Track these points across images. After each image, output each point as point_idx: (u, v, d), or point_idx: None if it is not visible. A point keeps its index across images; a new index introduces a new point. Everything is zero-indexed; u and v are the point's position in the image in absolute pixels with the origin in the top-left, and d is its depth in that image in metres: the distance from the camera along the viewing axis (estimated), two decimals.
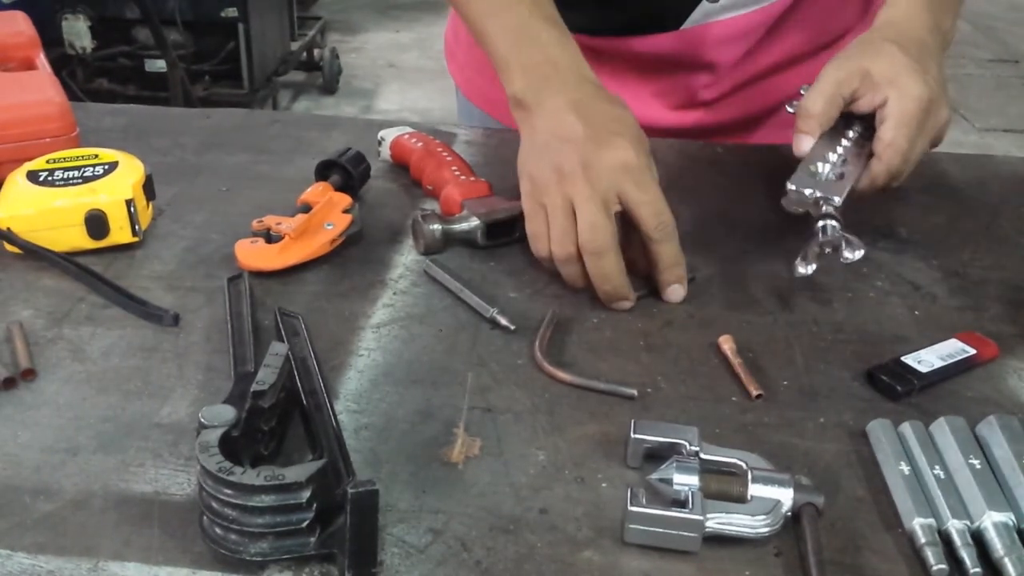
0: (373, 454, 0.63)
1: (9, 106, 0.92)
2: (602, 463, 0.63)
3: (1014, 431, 0.63)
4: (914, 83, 0.79)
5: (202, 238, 0.87)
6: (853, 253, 0.76)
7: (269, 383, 0.60)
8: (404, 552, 0.56)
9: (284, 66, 4.13)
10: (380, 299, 0.79)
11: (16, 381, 0.68)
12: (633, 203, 0.76)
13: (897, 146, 0.79)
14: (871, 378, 0.71)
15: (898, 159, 0.80)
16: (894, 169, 0.80)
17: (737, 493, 0.58)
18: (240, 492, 0.53)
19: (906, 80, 0.80)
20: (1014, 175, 1.05)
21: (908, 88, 0.79)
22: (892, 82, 0.80)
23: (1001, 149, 4.12)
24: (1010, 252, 0.89)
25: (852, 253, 0.76)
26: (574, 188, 0.76)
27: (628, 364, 0.72)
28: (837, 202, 0.77)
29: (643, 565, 0.56)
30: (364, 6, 5.63)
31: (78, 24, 3.52)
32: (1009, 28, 5.68)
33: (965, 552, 0.56)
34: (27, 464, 0.61)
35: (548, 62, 0.82)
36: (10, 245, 0.81)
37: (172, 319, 0.75)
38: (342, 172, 0.92)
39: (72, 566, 0.54)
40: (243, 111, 1.19)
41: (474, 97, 1.19)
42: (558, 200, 0.77)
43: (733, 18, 1.01)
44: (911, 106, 0.79)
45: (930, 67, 0.82)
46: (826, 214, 0.77)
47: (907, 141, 0.79)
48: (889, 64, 0.80)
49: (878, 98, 0.80)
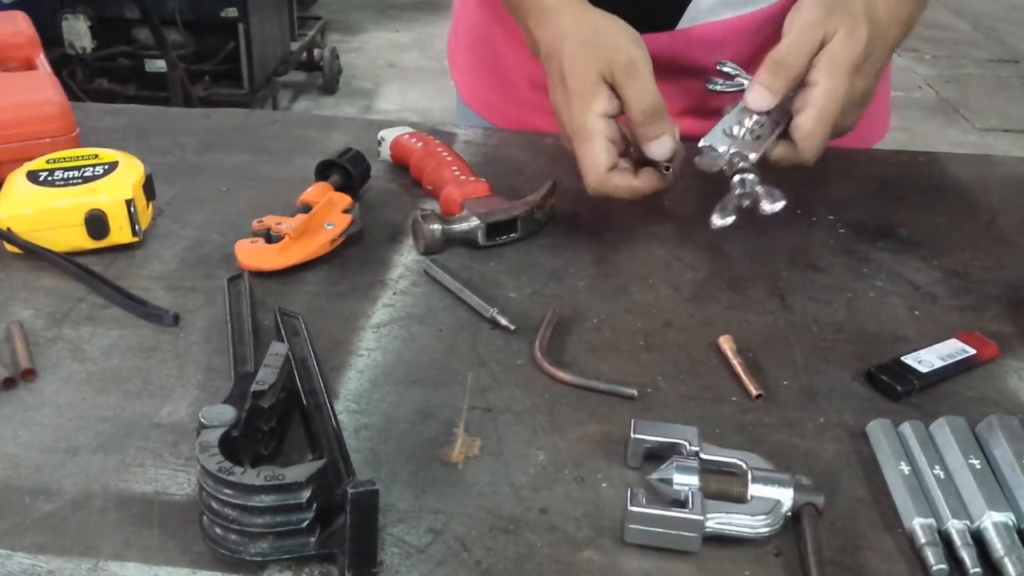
0: (373, 454, 0.63)
1: (9, 106, 0.92)
2: (602, 463, 0.63)
3: (1014, 431, 0.63)
4: (843, 81, 0.79)
5: (202, 238, 0.87)
6: (773, 204, 0.76)
7: (269, 383, 0.60)
8: (404, 552, 0.56)
9: (284, 66, 4.13)
10: (380, 299, 0.79)
11: (16, 381, 0.68)
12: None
13: (814, 139, 0.80)
14: (871, 378, 0.71)
15: (811, 152, 0.80)
16: (805, 159, 0.81)
17: (737, 493, 0.58)
18: (240, 492, 0.53)
19: (840, 74, 0.79)
20: (1014, 175, 1.05)
21: (838, 84, 0.79)
22: (830, 68, 0.79)
23: (1001, 149, 4.12)
24: (1010, 252, 0.90)
25: (772, 205, 0.76)
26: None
27: (628, 364, 0.72)
28: (752, 159, 0.78)
29: (643, 565, 0.56)
30: (364, 6, 5.64)
31: (78, 24, 3.52)
32: (1009, 28, 5.68)
33: (965, 552, 0.56)
34: (27, 464, 0.61)
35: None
36: (10, 245, 0.81)
37: (172, 319, 0.75)
38: (342, 172, 0.92)
39: (72, 566, 0.54)
40: (243, 111, 1.19)
41: (471, 101, 1.19)
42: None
43: (728, 19, 1.00)
44: (834, 105, 0.79)
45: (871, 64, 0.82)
46: (741, 168, 0.78)
47: (823, 137, 0.80)
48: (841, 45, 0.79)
49: (811, 76, 0.80)
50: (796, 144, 0.80)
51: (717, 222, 0.78)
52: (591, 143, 0.81)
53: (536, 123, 1.10)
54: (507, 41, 1.09)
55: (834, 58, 0.79)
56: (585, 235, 0.89)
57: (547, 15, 0.86)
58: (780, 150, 0.81)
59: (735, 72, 0.89)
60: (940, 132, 4.38)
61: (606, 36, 0.83)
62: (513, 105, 1.13)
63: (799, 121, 0.80)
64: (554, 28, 0.85)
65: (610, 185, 0.82)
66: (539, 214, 0.88)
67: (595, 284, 0.82)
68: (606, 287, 0.82)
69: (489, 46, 1.13)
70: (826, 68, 0.79)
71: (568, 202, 0.93)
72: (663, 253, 0.87)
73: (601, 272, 0.84)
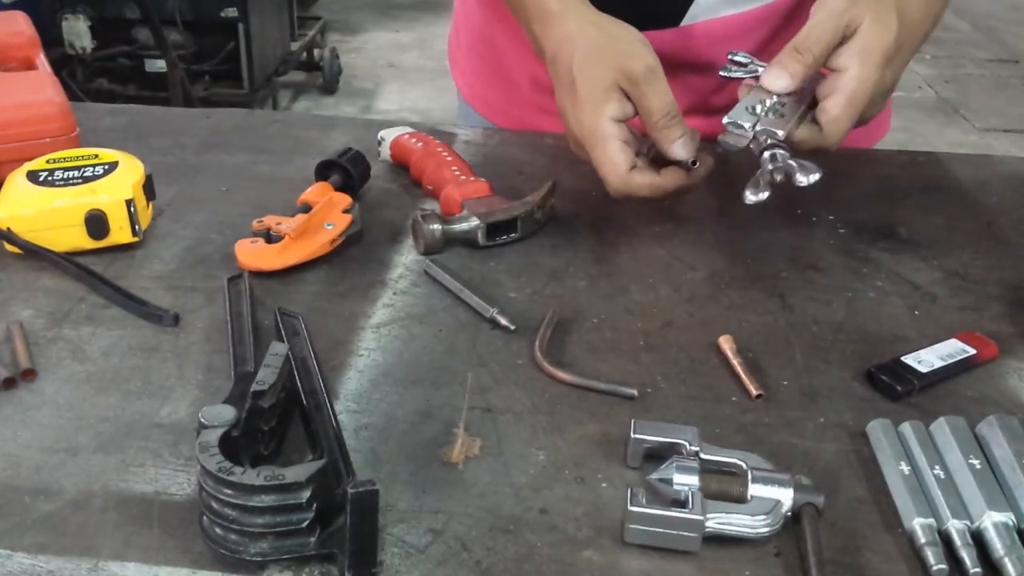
0: (373, 454, 0.63)
1: (9, 106, 0.92)
2: (602, 463, 0.63)
3: (1014, 431, 0.63)
4: (875, 70, 0.79)
5: (202, 238, 0.87)
6: (808, 177, 0.76)
7: (269, 383, 0.60)
8: (404, 552, 0.56)
9: (284, 66, 4.13)
10: (380, 299, 0.79)
11: (16, 381, 0.68)
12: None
13: (841, 123, 0.79)
14: (871, 378, 0.71)
15: (836, 137, 0.80)
16: (830, 143, 0.80)
17: (737, 493, 0.58)
18: (240, 492, 0.53)
19: (872, 62, 0.79)
20: (1014, 175, 1.05)
21: (869, 71, 0.79)
22: (862, 56, 0.79)
23: (1001, 149, 4.12)
24: (1010, 252, 0.89)
25: (807, 177, 0.76)
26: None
27: (628, 364, 0.72)
28: (780, 135, 0.77)
29: (643, 565, 0.56)
30: (364, 6, 5.64)
31: (78, 24, 3.52)
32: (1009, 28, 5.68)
33: (965, 552, 0.56)
34: (27, 464, 0.61)
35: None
36: (10, 245, 0.81)
37: (172, 319, 0.75)
38: (342, 172, 0.92)
39: (72, 566, 0.54)
40: (243, 111, 1.19)
41: (474, 101, 1.19)
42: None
43: (731, 16, 1.00)
44: (864, 93, 0.79)
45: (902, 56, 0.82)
46: (771, 144, 0.77)
47: (849, 122, 0.79)
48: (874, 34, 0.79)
49: (840, 61, 0.79)
50: (822, 127, 0.80)
51: (751, 198, 0.77)
52: (606, 146, 0.81)
53: (538, 123, 1.10)
54: (509, 41, 1.09)
55: (866, 46, 0.78)
56: (585, 235, 0.89)
57: (551, 18, 0.86)
58: (804, 131, 0.81)
59: (748, 60, 0.88)
60: (940, 132, 4.38)
61: (617, 41, 0.83)
62: (516, 105, 1.13)
63: (827, 105, 0.79)
64: (559, 32, 0.85)
65: (633, 184, 0.82)
66: (539, 214, 0.88)
67: (595, 284, 0.82)
68: (606, 287, 0.82)
69: (491, 46, 1.13)
70: (858, 55, 0.78)
71: (568, 202, 0.93)
72: (663, 253, 0.87)
73: (601, 272, 0.84)
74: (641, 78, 0.81)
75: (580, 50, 0.83)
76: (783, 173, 0.76)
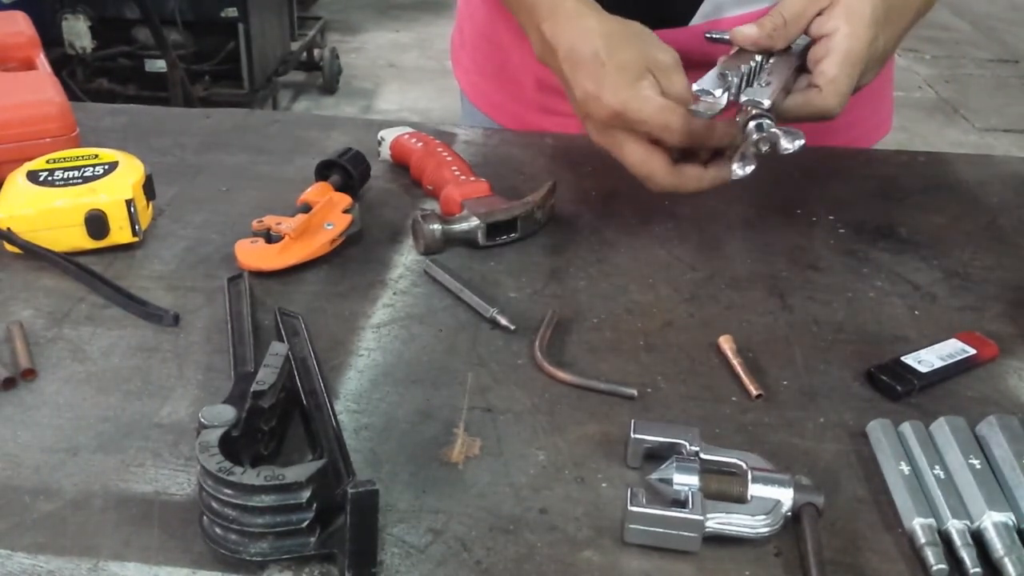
0: (373, 454, 0.63)
1: (9, 106, 0.92)
2: (602, 463, 0.63)
3: (1014, 431, 0.63)
4: (865, 28, 0.78)
5: (202, 238, 0.87)
6: (793, 143, 0.75)
7: (269, 383, 0.60)
8: (404, 552, 0.56)
9: (284, 66, 4.13)
10: (380, 299, 0.79)
11: (16, 381, 0.68)
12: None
13: (840, 83, 0.78)
14: (871, 378, 0.71)
15: (837, 98, 0.79)
16: (831, 105, 0.79)
17: (737, 493, 0.58)
18: (240, 492, 0.53)
19: (859, 20, 0.78)
20: (1014, 175, 1.05)
21: (859, 28, 0.78)
22: (848, 14, 0.78)
23: (1001, 149, 4.12)
24: (1010, 252, 0.90)
25: (792, 143, 0.75)
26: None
27: (628, 364, 0.72)
28: (766, 104, 0.76)
29: (643, 565, 0.56)
30: (364, 6, 5.64)
31: (78, 24, 3.52)
32: (1009, 28, 5.68)
33: (965, 552, 0.56)
34: (27, 464, 0.61)
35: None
36: (10, 245, 0.81)
37: (172, 319, 0.75)
38: (342, 172, 0.92)
39: (72, 566, 0.54)
40: (243, 111, 1.19)
41: (478, 101, 1.19)
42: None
43: (742, 15, 1.00)
44: (859, 47, 0.78)
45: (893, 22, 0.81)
46: (757, 115, 0.76)
47: (849, 81, 0.78)
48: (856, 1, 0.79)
49: (828, 25, 0.79)
50: (821, 89, 0.79)
51: (739, 172, 0.77)
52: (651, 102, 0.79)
53: (542, 123, 1.10)
54: (513, 41, 1.09)
55: (851, 6, 0.78)
56: (585, 235, 0.89)
57: (567, 16, 0.85)
58: (800, 97, 0.79)
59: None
60: (940, 132, 4.38)
61: (641, 32, 0.84)
62: (520, 105, 1.13)
63: (823, 67, 0.79)
64: (578, 26, 0.84)
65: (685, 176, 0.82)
66: (539, 214, 0.88)
67: (595, 284, 0.82)
68: (606, 287, 0.82)
69: (495, 45, 1.13)
70: (844, 15, 0.78)
71: (568, 202, 0.93)
72: (663, 253, 0.87)
73: (601, 272, 0.84)
74: (670, 66, 0.81)
75: (605, 38, 0.82)
76: (768, 143, 0.75)
